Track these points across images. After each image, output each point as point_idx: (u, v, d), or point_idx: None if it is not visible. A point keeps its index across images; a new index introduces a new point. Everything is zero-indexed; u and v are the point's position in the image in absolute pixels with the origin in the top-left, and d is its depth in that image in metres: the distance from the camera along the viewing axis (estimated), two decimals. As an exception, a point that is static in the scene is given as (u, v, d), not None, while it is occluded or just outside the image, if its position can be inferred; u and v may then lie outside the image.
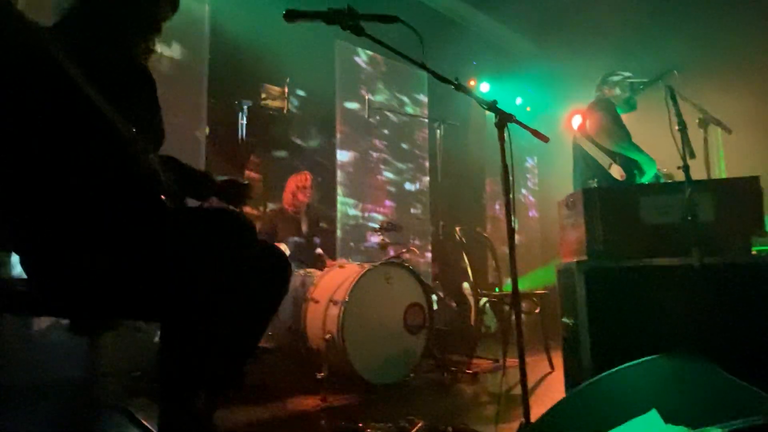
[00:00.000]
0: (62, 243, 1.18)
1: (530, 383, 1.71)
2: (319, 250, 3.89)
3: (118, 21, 1.34)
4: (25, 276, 1.27)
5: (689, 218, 1.81)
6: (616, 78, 3.10)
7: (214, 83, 3.82)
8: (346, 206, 4.88)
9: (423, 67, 1.53)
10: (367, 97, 4.24)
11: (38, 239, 1.19)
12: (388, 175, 5.37)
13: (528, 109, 6.68)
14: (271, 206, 4.24)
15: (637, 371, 1.20)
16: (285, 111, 3.22)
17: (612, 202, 2.02)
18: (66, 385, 2.87)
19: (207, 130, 3.71)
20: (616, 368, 1.26)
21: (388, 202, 5.30)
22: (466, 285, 4.90)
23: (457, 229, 3.71)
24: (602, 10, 5.07)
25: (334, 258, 4.22)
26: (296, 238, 3.70)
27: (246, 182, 1.65)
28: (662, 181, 2.84)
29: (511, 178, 1.63)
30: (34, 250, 1.20)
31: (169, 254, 1.18)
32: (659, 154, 2.87)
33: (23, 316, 2.66)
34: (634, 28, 5.00)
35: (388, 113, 5.13)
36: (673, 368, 1.18)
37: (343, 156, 4.94)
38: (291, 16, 1.36)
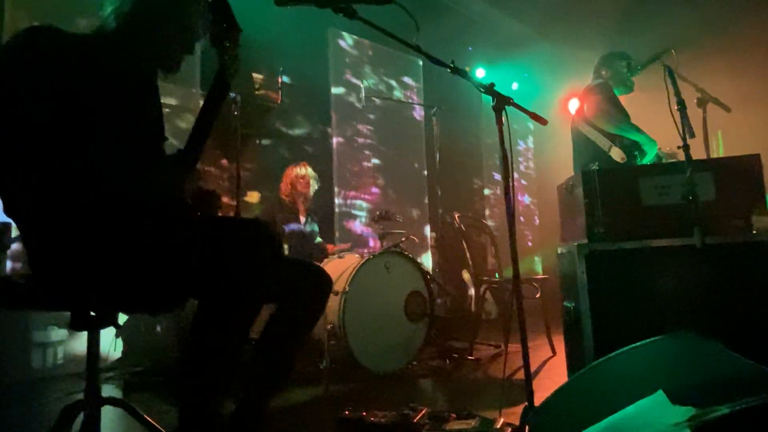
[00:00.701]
0: (83, 240, 1.17)
1: (532, 367, 1.70)
2: (318, 239, 3.88)
3: (162, 43, 1.37)
4: (19, 271, 1.26)
5: (690, 198, 1.79)
6: (613, 59, 3.08)
7: (207, 74, 3.78)
8: (337, 195, 4.86)
9: (418, 50, 1.50)
10: (362, 85, 4.19)
11: (57, 233, 1.17)
12: (376, 161, 5.33)
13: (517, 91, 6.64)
14: (266, 195, 4.22)
15: (641, 352, 1.19)
16: (278, 101, 3.18)
17: (611, 184, 2.00)
18: (66, 380, 2.87)
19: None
20: (620, 350, 1.25)
21: (375, 189, 5.27)
22: (465, 272, 4.90)
23: (456, 216, 3.70)
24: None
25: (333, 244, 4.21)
26: (293, 227, 3.68)
27: (212, 190, 1.63)
28: (664, 161, 2.83)
29: (510, 162, 1.60)
30: (49, 243, 1.19)
31: (195, 258, 1.20)
32: (659, 133, 2.86)
33: (22, 310, 2.64)
34: (630, 8, 4.95)
35: (379, 99, 5.09)
36: (679, 348, 1.17)
37: (336, 144, 4.90)
38: (281, 0, 1.33)
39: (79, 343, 3.10)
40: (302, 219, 3.77)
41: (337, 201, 4.86)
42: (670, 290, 1.85)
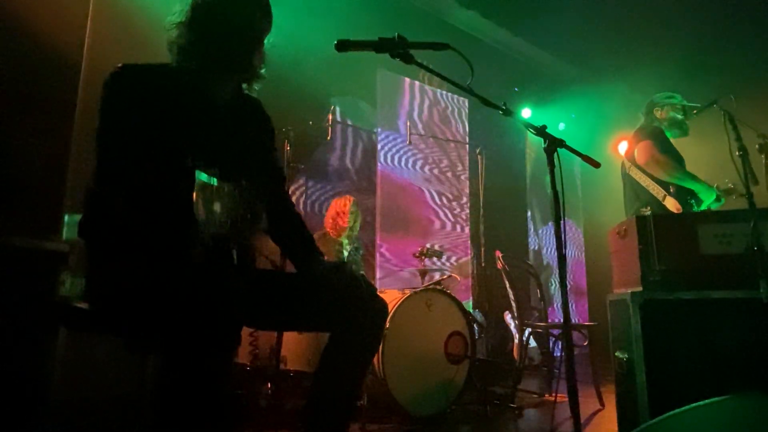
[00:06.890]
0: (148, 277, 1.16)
1: (580, 420, 1.62)
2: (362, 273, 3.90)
3: (228, 45, 1.37)
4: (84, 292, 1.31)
5: (755, 248, 1.70)
6: (666, 101, 2.96)
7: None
8: (380, 230, 4.89)
9: (471, 93, 1.52)
10: (408, 123, 4.29)
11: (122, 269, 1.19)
12: (420, 197, 5.35)
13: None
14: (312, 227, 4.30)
15: (704, 413, 1.11)
16: (328, 137, 3.29)
17: (668, 231, 1.93)
18: (117, 400, 2.94)
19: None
20: (680, 409, 1.17)
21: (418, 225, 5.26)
22: (507, 313, 4.77)
23: (499, 255, 3.64)
24: (646, 35, 4.98)
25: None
26: (337, 261, 3.71)
27: None
28: (723, 198, 2.68)
29: (562, 203, 1.57)
30: (112, 276, 1.21)
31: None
32: (715, 177, 2.75)
33: (81, 332, 2.76)
34: (678, 52, 4.87)
35: (425, 136, 5.17)
36: (747, 411, 1.09)
37: (381, 178, 4.98)
38: (342, 46, 1.39)
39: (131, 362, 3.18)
40: (346, 252, 3.80)
41: (379, 235, 4.90)
42: (732, 345, 1.74)
